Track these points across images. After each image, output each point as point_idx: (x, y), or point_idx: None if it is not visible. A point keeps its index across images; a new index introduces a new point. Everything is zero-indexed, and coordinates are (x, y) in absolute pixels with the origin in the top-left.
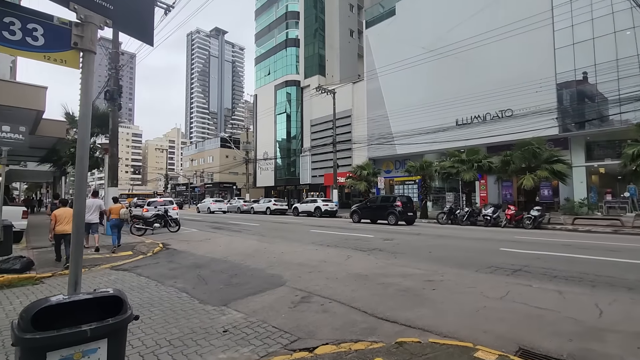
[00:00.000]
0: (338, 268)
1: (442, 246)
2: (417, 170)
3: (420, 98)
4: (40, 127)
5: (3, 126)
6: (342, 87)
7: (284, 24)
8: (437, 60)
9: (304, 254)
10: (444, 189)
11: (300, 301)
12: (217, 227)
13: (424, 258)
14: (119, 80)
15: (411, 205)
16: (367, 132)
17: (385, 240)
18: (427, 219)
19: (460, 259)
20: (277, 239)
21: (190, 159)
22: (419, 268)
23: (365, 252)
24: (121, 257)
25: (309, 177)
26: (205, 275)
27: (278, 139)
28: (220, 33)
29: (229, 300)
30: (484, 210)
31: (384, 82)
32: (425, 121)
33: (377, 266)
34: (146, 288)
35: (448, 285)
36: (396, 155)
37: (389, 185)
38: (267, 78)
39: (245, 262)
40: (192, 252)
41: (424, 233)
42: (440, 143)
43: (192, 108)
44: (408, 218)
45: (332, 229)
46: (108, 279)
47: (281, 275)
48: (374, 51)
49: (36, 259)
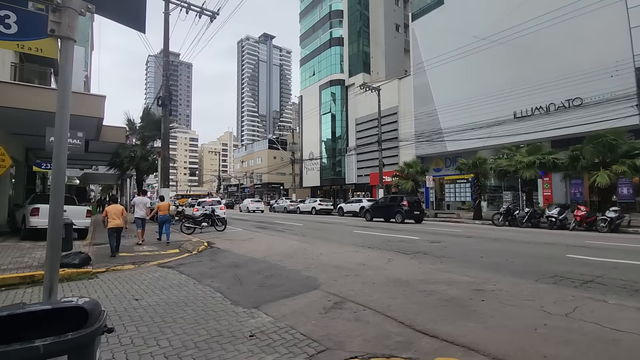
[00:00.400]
0: (377, 272)
1: (496, 251)
2: (470, 168)
3: (472, 91)
4: (103, 133)
5: None
6: (387, 83)
7: (327, 24)
8: (490, 49)
9: (342, 255)
10: (500, 187)
11: (332, 307)
12: (262, 227)
13: (474, 264)
14: (169, 87)
15: (418, 204)
16: (415, 129)
17: (431, 242)
18: (482, 220)
19: (517, 266)
20: (318, 240)
21: (241, 161)
22: (468, 275)
23: (408, 255)
24: (169, 254)
25: (354, 177)
26: (241, 275)
27: (323, 139)
28: (268, 38)
29: (260, 302)
30: (548, 211)
31: (432, 76)
32: (478, 115)
33: (420, 271)
34: (184, 286)
35: (500, 296)
36: (446, 153)
37: (439, 184)
38: (312, 79)
39: (282, 262)
40: (234, 252)
41: (477, 235)
42: (495, 138)
43: (243, 112)
44: (415, 217)
45: (376, 230)
46: (152, 276)
47: (316, 278)
48: (421, 44)
49: (95, 254)
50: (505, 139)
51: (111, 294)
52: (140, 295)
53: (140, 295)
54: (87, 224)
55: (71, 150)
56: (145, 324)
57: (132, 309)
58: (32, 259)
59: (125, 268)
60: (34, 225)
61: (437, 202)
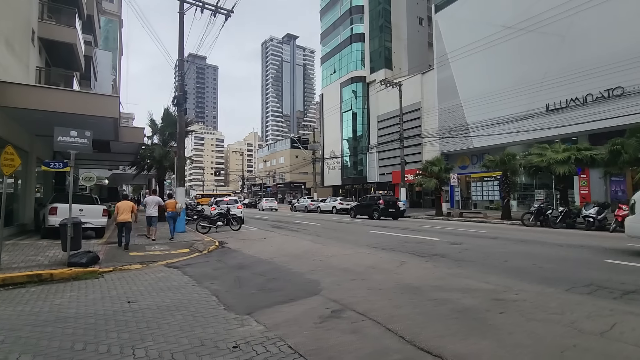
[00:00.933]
0: (386, 276)
1: (522, 254)
2: (497, 165)
3: (499, 83)
4: (122, 134)
5: (71, 131)
6: (409, 79)
7: (348, 20)
8: (519, 37)
9: (353, 257)
10: (532, 185)
11: (329, 316)
12: (278, 226)
13: (496, 269)
14: (184, 87)
15: (394, 204)
16: (439, 124)
17: (452, 244)
18: (510, 220)
19: (546, 272)
20: (332, 240)
21: (264, 160)
22: (487, 282)
23: (423, 258)
24: (178, 254)
25: (376, 175)
26: (243, 278)
27: (344, 137)
28: (291, 39)
29: (255, 308)
30: (585, 211)
31: (456, 69)
32: (506, 108)
33: (434, 276)
34: (182, 288)
35: (523, 308)
36: (472, 149)
37: (465, 182)
38: (333, 77)
39: (289, 264)
40: (243, 252)
41: (503, 237)
42: (525, 133)
43: (267, 112)
44: (391, 214)
45: (394, 230)
46: (155, 276)
47: (320, 282)
48: (445, 36)
49: (106, 253)
50: (536, 134)
51: (108, 295)
52: (135, 297)
53: (135, 298)
54: (103, 222)
55: (79, 149)
56: (128, 330)
57: (122, 312)
58: (45, 257)
59: (132, 267)
60: (52, 224)
61: (464, 201)
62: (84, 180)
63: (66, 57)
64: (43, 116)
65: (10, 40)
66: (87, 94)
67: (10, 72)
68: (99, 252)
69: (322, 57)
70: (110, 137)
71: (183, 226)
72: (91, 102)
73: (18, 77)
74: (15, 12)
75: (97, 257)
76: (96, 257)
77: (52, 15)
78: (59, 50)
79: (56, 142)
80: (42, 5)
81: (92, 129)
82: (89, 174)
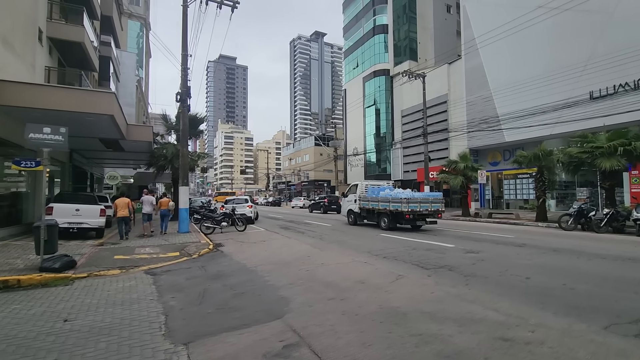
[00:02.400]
0: (372, 296)
1: (552, 268)
2: (531, 161)
3: (534, 69)
4: (131, 132)
5: (44, 128)
6: (435, 70)
7: (371, 12)
8: (556, 17)
9: (346, 267)
10: (573, 183)
11: (277, 353)
12: (286, 227)
13: (514, 289)
14: (187, 82)
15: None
16: (467, 117)
17: (466, 252)
18: (546, 223)
19: (579, 298)
20: (333, 245)
21: (289, 159)
22: (497, 309)
23: (426, 271)
24: (166, 258)
25: (400, 173)
26: (211, 291)
27: (367, 134)
28: (319, 36)
29: (198, 335)
30: (637, 213)
31: (486, 57)
32: (542, 97)
33: (431, 297)
34: (137, 303)
35: (538, 355)
36: (504, 144)
37: (497, 179)
38: (355, 71)
39: (270, 275)
40: (232, 257)
41: (532, 244)
42: (564, 124)
43: (296, 110)
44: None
45: (407, 233)
46: (122, 286)
47: (291, 300)
48: (474, 22)
49: (91, 255)
50: (577, 125)
51: (50, 310)
52: (77, 314)
53: (77, 315)
54: (100, 223)
55: (53, 146)
56: None
57: (45, 335)
58: (24, 260)
59: (109, 273)
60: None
61: (495, 200)
62: (109, 179)
63: (79, 57)
64: (41, 114)
65: (8, 39)
66: (80, 91)
67: (8, 70)
68: (85, 254)
69: (344, 52)
70: (114, 135)
71: (186, 226)
72: (84, 98)
73: (19, 76)
74: (13, 11)
75: (74, 261)
76: (72, 262)
77: (64, 16)
78: (71, 50)
79: (27, 139)
80: (50, 4)
81: (91, 127)
82: (113, 173)
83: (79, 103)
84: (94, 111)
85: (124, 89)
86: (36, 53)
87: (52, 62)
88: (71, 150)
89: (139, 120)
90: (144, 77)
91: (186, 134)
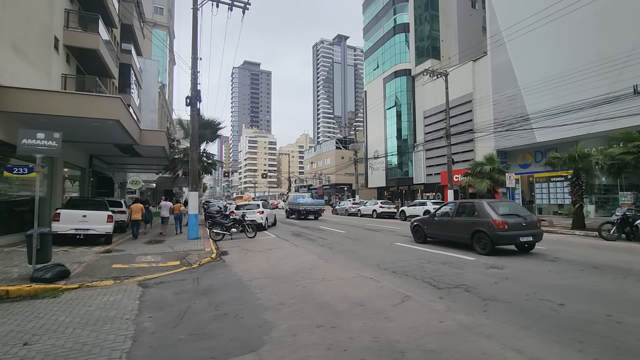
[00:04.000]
0: (368, 324)
1: (590, 291)
2: (565, 163)
3: (567, 63)
4: (145, 138)
5: (37, 133)
6: (458, 68)
7: (391, 10)
8: (593, 5)
9: (347, 284)
10: (615, 186)
11: None
12: (297, 234)
13: (543, 320)
14: (197, 86)
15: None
16: (493, 117)
17: (489, 268)
18: (584, 231)
19: (630, 335)
20: (341, 255)
21: (310, 162)
22: (520, 349)
23: (439, 291)
24: (165, 267)
25: (423, 176)
26: (192, 310)
27: (388, 136)
28: (342, 39)
29: None
30: None
31: (514, 51)
32: (577, 93)
33: (439, 329)
34: (110, 324)
35: None
36: (535, 145)
37: (528, 182)
38: (376, 72)
39: (261, 292)
40: (231, 268)
41: (566, 258)
42: (604, 122)
43: (319, 114)
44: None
45: (424, 245)
46: (106, 300)
47: (274, 327)
48: (500, 15)
49: (90, 264)
50: (619, 122)
51: (19, 329)
52: (41, 336)
53: (40, 337)
54: (108, 229)
55: (46, 152)
56: None
57: None
58: (22, 269)
59: (101, 284)
60: (54, 230)
61: (526, 205)
62: (132, 184)
63: (97, 65)
64: (49, 121)
65: (20, 47)
66: (84, 96)
67: (20, 77)
68: (83, 262)
69: (364, 53)
70: (128, 141)
71: (195, 233)
72: (89, 104)
73: (31, 84)
74: (27, 19)
75: (67, 271)
76: (64, 272)
77: (83, 25)
78: (89, 58)
79: (20, 145)
80: (67, 13)
81: (102, 132)
82: (136, 178)
83: (83, 108)
84: (99, 116)
85: (146, 96)
86: (52, 61)
87: (70, 70)
88: (91, 156)
89: (162, 126)
90: (167, 84)
91: (195, 138)
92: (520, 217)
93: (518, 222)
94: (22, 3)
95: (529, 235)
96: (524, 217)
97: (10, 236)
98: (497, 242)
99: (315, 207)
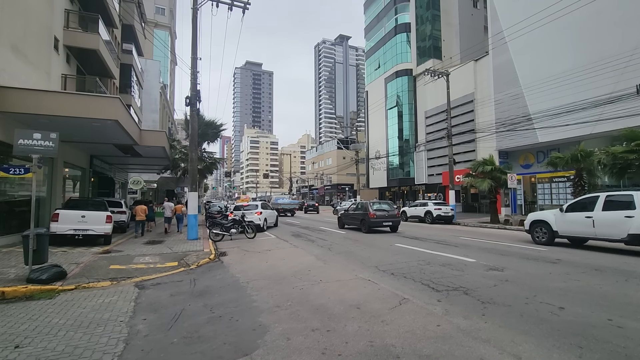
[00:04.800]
0: (364, 327)
1: (592, 294)
2: (568, 162)
3: (572, 63)
4: (145, 138)
5: (34, 133)
6: (460, 67)
7: (392, 10)
8: (597, 4)
9: (345, 286)
10: (619, 187)
11: None
12: (297, 234)
13: (543, 324)
14: (196, 86)
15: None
16: (495, 117)
17: (489, 270)
18: None
19: (630, 341)
20: (340, 256)
21: (312, 162)
22: (518, 354)
23: (437, 293)
24: (163, 268)
25: (424, 177)
26: (187, 312)
27: (390, 136)
28: (344, 39)
29: None
30: None
31: (515, 51)
32: (581, 92)
33: (435, 333)
34: (102, 326)
35: None
36: (537, 145)
37: (530, 182)
38: (377, 72)
39: (257, 294)
40: (229, 269)
41: (567, 260)
42: (607, 122)
43: (321, 114)
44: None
45: (426, 244)
46: (101, 302)
47: (268, 330)
48: (501, 14)
49: (87, 265)
50: (622, 122)
51: (12, 331)
52: (32, 338)
53: (32, 340)
54: (107, 230)
55: (43, 152)
56: None
57: None
58: (19, 269)
59: (98, 286)
60: (52, 230)
61: (528, 206)
62: (133, 184)
63: (97, 65)
64: (49, 121)
65: (19, 47)
66: (82, 96)
67: (19, 78)
68: (81, 263)
69: (366, 53)
70: (128, 141)
71: (195, 233)
72: (87, 104)
73: (31, 84)
74: (27, 20)
75: (64, 272)
76: (61, 273)
77: (83, 25)
78: (89, 58)
79: (16, 145)
80: (67, 14)
81: (101, 133)
82: (137, 178)
83: (82, 108)
84: (98, 116)
85: (148, 96)
86: (52, 61)
87: (70, 70)
88: (91, 156)
89: (164, 127)
90: (169, 84)
91: (195, 138)
92: (385, 211)
93: (383, 214)
94: (21, 3)
95: (389, 221)
96: (388, 211)
97: (9, 236)
98: (370, 226)
99: (290, 207)
